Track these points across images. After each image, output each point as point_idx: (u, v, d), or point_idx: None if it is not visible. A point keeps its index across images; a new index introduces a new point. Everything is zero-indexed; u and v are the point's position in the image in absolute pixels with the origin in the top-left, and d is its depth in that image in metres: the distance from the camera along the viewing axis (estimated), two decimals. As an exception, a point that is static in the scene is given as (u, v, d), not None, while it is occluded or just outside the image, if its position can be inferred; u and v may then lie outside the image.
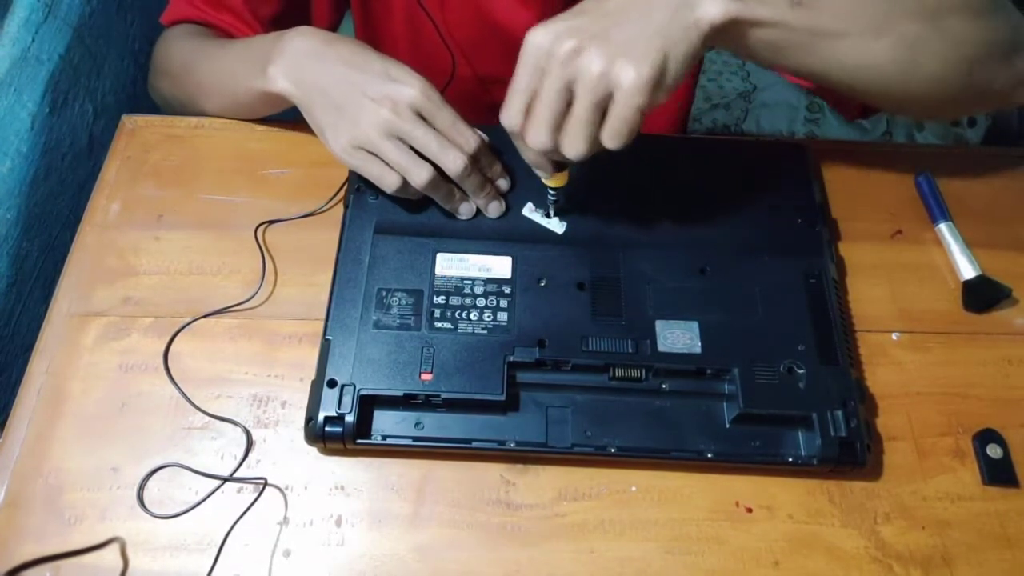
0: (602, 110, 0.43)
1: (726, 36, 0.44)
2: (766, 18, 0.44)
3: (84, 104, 0.72)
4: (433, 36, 0.66)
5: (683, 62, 0.43)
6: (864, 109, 0.61)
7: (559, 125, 0.44)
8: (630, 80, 0.42)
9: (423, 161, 0.52)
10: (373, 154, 0.52)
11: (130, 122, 0.65)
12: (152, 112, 0.66)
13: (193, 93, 0.64)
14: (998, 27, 0.48)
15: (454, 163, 0.52)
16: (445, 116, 0.52)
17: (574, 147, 0.45)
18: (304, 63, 0.54)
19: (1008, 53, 0.49)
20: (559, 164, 0.50)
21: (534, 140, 0.45)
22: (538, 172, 0.52)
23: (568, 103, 0.44)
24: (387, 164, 0.52)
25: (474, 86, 0.73)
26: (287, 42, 0.54)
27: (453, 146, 0.52)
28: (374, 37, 0.73)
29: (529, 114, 0.45)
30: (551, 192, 0.54)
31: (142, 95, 0.82)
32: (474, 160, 0.53)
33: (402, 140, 0.52)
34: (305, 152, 0.63)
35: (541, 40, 0.43)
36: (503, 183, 0.57)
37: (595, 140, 0.44)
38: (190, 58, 0.64)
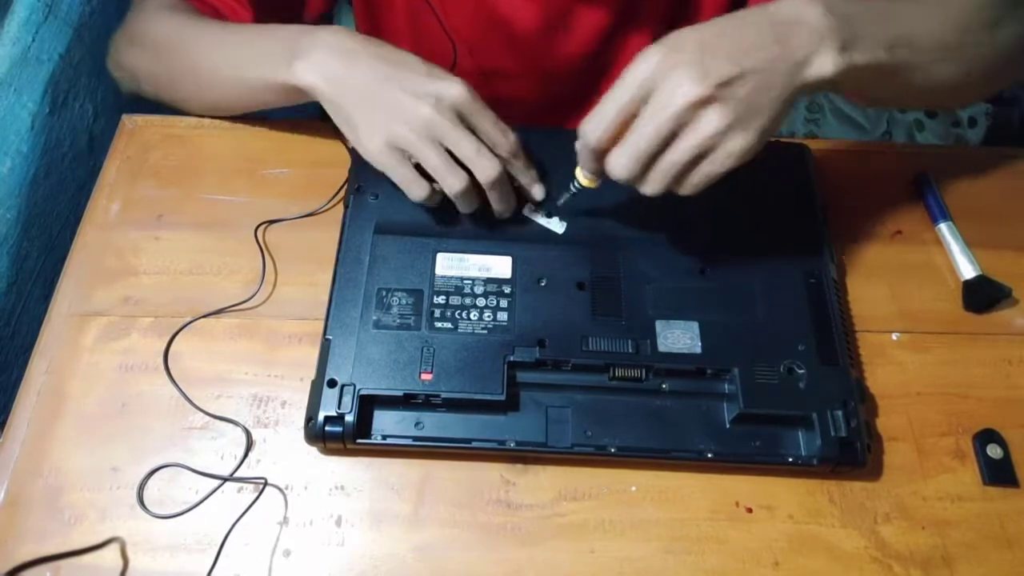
0: (698, 160, 0.43)
1: (831, 86, 0.44)
2: (867, 63, 0.44)
3: (84, 104, 0.72)
4: (435, 29, 0.66)
5: (780, 123, 0.44)
6: None
7: (650, 163, 0.44)
8: (736, 147, 0.42)
9: (459, 169, 0.50)
10: (407, 156, 0.51)
11: (130, 122, 0.65)
12: (152, 112, 0.66)
13: (178, 73, 0.61)
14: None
15: (486, 172, 0.51)
16: (487, 117, 0.51)
17: (653, 187, 0.45)
18: (339, 59, 0.51)
19: None
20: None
21: (618, 169, 0.44)
22: (585, 175, 0.50)
23: (666, 144, 0.43)
24: (419, 169, 0.51)
25: (476, 79, 0.73)
26: (319, 36, 0.52)
27: (491, 153, 0.51)
28: (375, 29, 0.73)
29: (623, 143, 0.44)
30: (577, 188, 0.52)
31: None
32: (512, 160, 0.53)
33: (440, 143, 0.50)
34: (305, 152, 0.63)
35: (665, 69, 0.41)
36: (538, 190, 0.55)
37: (672, 186, 0.45)
38: (178, 35, 0.60)
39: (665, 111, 0.41)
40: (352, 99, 0.51)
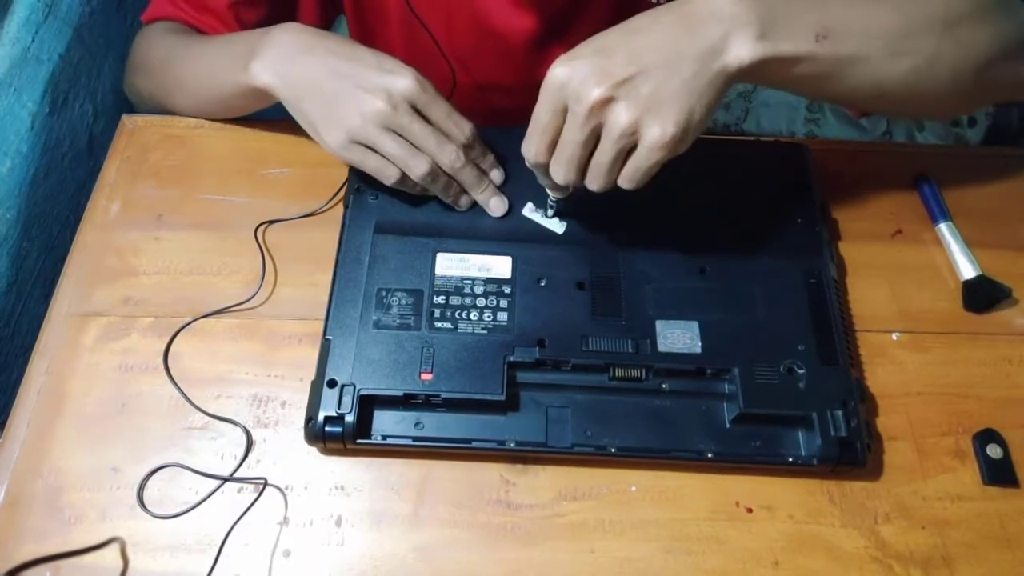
0: (624, 156, 0.45)
1: (751, 75, 0.44)
2: (792, 54, 0.44)
3: (84, 104, 0.72)
4: (429, 44, 0.66)
5: (708, 113, 0.44)
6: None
7: (584, 166, 0.46)
8: (655, 138, 0.43)
9: (421, 153, 0.52)
10: (370, 148, 0.52)
11: (130, 122, 0.65)
12: (152, 112, 0.66)
13: (171, 89, 0.64)
14: (1006, 28, 0.49)
15: (448, 157, 0.53)
16: (439, 107, 0.52)
17: (596, 184, 0.47)
18: (292, 57, 0.53)
19: (1016, 52, 0.49)
20: None
21: (560, 177, 0.47)
22: (550, 191, 0.53)
23: (592, 146, 0.45)
24: (385, 157, 0.52)
25: (472, 92, 0.73)
26: (273, 36, 0.54)
27: (448, 140, 0.53)
28: (370, 46, 0.73)
29: (555, 153, 0.46)
30: (552, 199, 0.55)
31: (142, 95, 0.83)
32: (468, 150, 0.54)
33: (398, 133, 0.52)
34: (305, 152, 0.63)
35: (567, 79, 0.43)
36: (496, 175, 0.57)
37: (615, 179, 0.46)
38: (169, 54, 0.63)
39: (576, 118, 0.44)
40: (309, 96, 0.53)
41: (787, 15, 0.44)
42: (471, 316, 0.52)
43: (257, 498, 0.48)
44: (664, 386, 0.51)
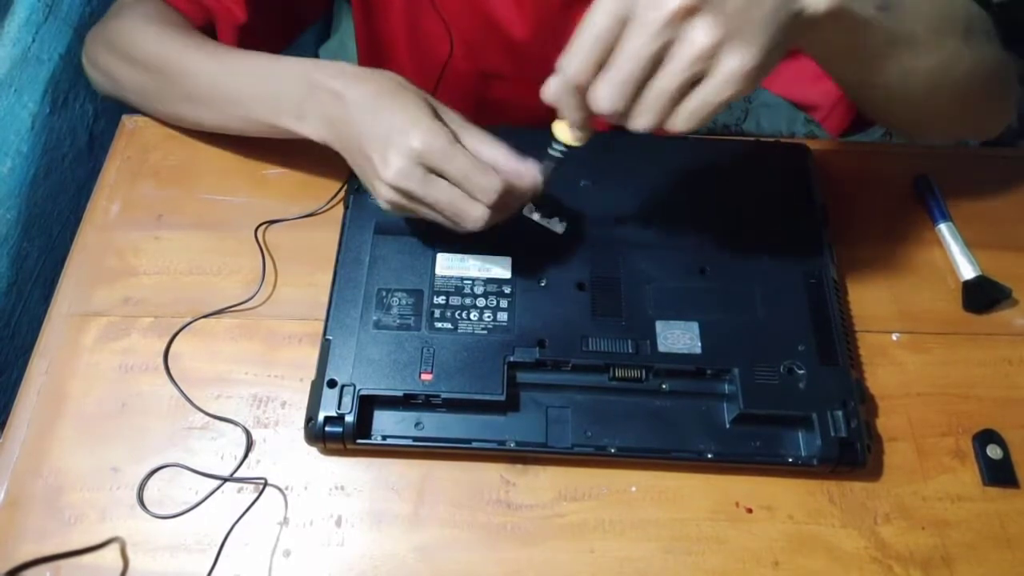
0: (688, 87, 0.38)
1: (816, 29, 0.40)
2: (860, 15, 0.41)
3: (84, 104, 0.72)
4: (432, 28, 0.66)
5: (781, 54, 0.39)
6: (853, 125, 0.61)
7: (637, 92, 0.39)
8: (735, 67, 0.37)
9: (470, 203, 0.47)
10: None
11: (130, 122, 0.65)
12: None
13: (176, 96, 0.59)
14: (999, 52, 0.50)
15: (474, 222, 0.47)
16: (456, 165, 0.46)
17: (646, 120, 0.39)
18: (332, 112, 0.50)
19: (1008, 76, 0.51)
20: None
21: (604, 102, 0.39)
22: (571, 130, 0.44)
23: (650, 70, 0.38)
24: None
25: (474, 80, 0.73)
26: (317, 96, 0.50)
27: (471, 199, 0.47)
28: (373, 32, 0.73)
29: (605, 72, 0.39)
30: (562, 150, 0.46)
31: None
32: (501, 204, 0.47)
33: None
34: (305, 152, 0.62)
35: None
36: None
37: (669, 114, 0.39)
38: (178, 59, 0.57)
39: (649, 27, 0.37)
40: (347, 150, 0.50)
41: None
42: (471, 316, 0.52)
43: (257, 498, 0.48)
44: (664, 386, 0.51)
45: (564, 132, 0.45)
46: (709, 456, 0.49)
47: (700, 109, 0.39)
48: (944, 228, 0.61)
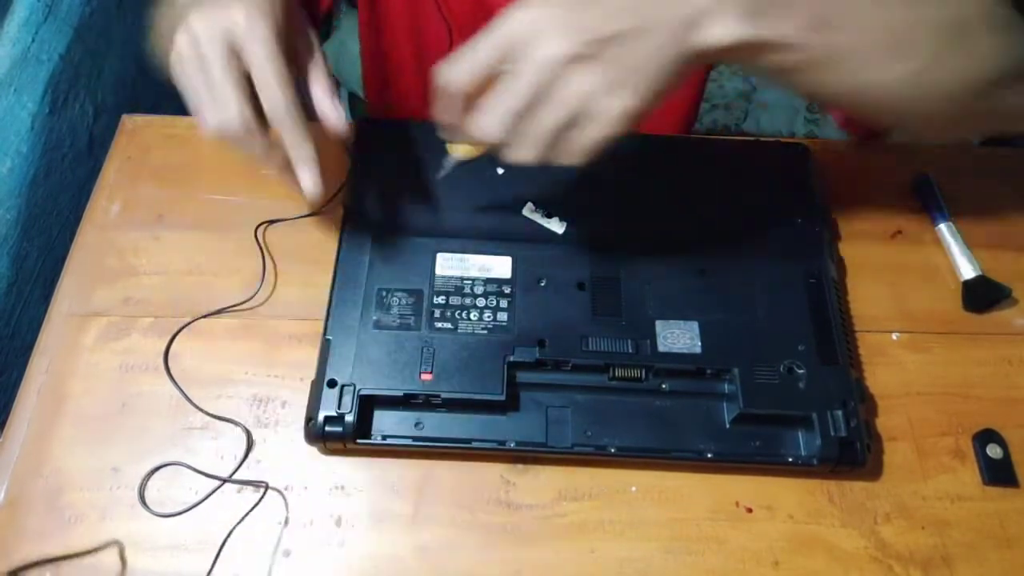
0: (568, 125, 0.40)
1: (733, 57, 0.40)
2: (778, 40, 0.39)
3: (84, 104, 0.72)
4: (432, 13, 0.66)
5: (668, 90, 0.40)
6: (871, 131, 0.59)
7: (518, 123, 0.40)
8: (616, 109, 0.38)
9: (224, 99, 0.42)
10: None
11: (130, 122, 0.65)
12: (152, 112, 0.66)
13: None
14: (1016, 45, 0.45)
15: (220, 115, 0.42)
16: (257, 55, 0.41)
17: (526, 153, 0.41)
18: None
19: (1021, 75, 0.45)
20: None
21: (486, 128, 0.40)
22: (455, 150, 0.46)
23: (537, 104, 0.39)
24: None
25: None
26: None
27: (236, 96, 0.42)
28: (375, 14, 0.73)
29: (489, 101, 0.40)
30: (452, 163, 0.48)
31: (142, 95, 0.82)
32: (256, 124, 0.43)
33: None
34: (305, 152, 0.63)
35: (532, 22, 0.38)
36: (558, 227, 0.52)
37: (550, 150, 0.41)
38: None
39: (532, 67, 0.38)
40: None
41: None
42: (471, 316, 0.52)
43: (259, 501, 0.48)
44: (664, 386, 0.51)
45: (451, 145, 0.48)
46: (709, 456, 0.49)
47: (580, 147, 0.40)
48: (944, 228, 0.61)
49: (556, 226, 0.56)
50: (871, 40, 0.41)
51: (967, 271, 0.58)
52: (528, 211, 0.57)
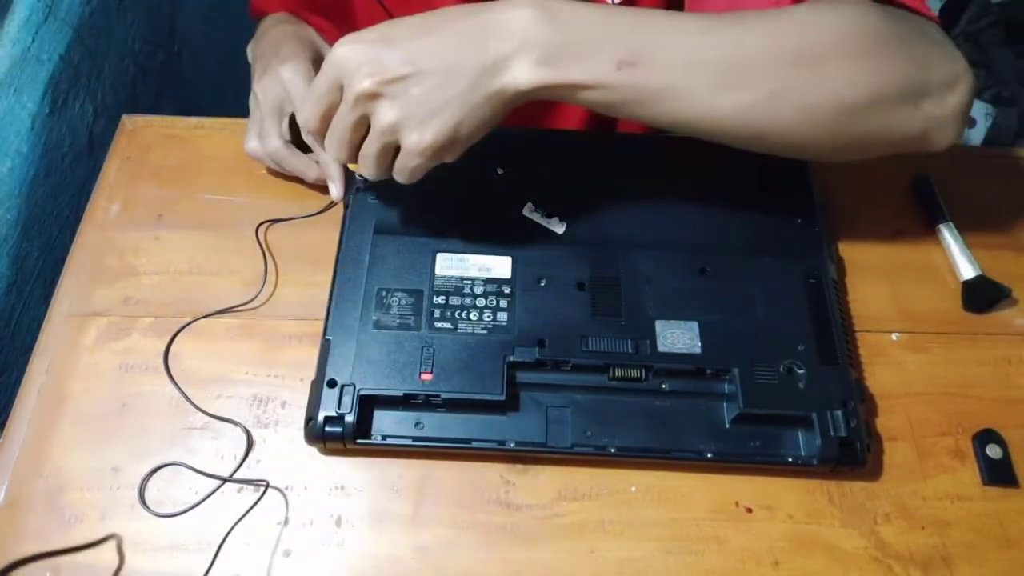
0: (393, 151, 0.44)
1: (547, 95, 0.43)
2: (585, 81, 0.42)
3: (84, 104, 0.72)
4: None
5: (481, 127, 0.43)
6: None
7: (356, 148, 0.45)
8: (411, 143, 0.42)
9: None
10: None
11: (130, 122, 0.65)
12: (152, 112, 0.66)
13: None
14: (893, 71, 0.44)
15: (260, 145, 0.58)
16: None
17: (366, 172, 0.46)
18: None
19: (908, 95, 0.45)
20: None
21: (332, 154, 0.46)
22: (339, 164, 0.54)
23: (364, 133, 0.44)
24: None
25: None
26: None
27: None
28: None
29: (329, 130, 0.45)
30: (361, 178, 0.55)
31: (142, 95, 0.82)
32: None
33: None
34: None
35: (345, 60, 0.42)
36: (558, 227, 0.55)
37: (386, 171, 0.46)
38: None
39: (346, 103, 0.43)
40: None
41: (587, 39, 0.42)
42: (471, 316, 0.52)
43: (258, 500, 0.48)
44: (664, 386, 0.51)
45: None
46: (709, 456, 0.49)
47: (402, 171, 0.45)
48: (944, 228, 0.61)
49: (556, 226, 0.56)
50: (694, 77, 0.43)
51: (967, 271, 0.58)
52: (528, 211, 0.57)
